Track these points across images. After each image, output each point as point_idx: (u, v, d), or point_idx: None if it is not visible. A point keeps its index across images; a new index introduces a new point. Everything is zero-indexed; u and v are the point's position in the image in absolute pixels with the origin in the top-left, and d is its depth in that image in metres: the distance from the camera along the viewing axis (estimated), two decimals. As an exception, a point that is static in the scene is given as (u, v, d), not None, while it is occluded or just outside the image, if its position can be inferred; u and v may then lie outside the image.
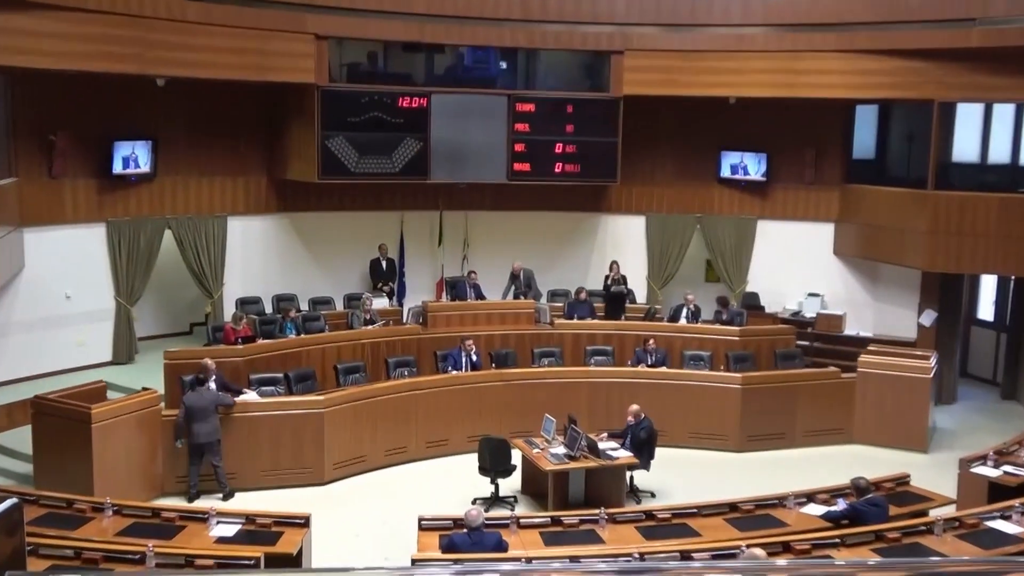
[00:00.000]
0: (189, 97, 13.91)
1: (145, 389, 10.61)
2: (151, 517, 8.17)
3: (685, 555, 7.39)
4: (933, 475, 10.10)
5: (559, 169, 15.09)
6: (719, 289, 15.83)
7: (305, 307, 14.36)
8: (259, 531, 7.96)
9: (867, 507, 8.23)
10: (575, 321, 14.01)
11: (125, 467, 9.91)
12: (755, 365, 13.19)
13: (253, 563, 7.24)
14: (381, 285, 15.20)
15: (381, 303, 14.41)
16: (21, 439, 10.73)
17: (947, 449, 12.08)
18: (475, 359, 12.35)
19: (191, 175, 14.37)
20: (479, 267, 15.11)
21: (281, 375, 11.71)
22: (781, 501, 8.73)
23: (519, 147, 14.88)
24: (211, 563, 7.13)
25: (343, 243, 15.46)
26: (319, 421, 10.76)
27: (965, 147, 14.47)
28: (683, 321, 14.11)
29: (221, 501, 10.02)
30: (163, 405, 10.70)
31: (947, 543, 7.75)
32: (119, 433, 9.87)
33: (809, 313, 15.38)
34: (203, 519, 8.06)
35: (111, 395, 10.92)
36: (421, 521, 8.18)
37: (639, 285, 15.97)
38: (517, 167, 14.93)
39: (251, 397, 10.95)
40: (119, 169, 13.40)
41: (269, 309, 14.35)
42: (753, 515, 8.53)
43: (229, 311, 13.95)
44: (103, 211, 13.52)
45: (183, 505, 9.31)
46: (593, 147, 15.10)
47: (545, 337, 13.66)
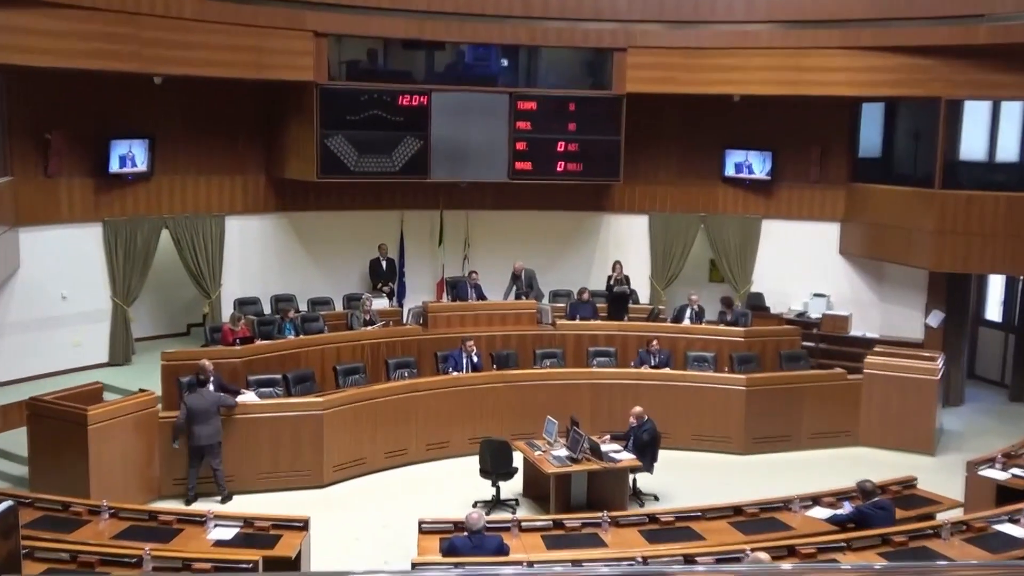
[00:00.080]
0: (186, 95, 13.91)
1: (142, 391, 10.64)
2: (148, 520, 8.19)
3: (689, 559, 7.41)
4: (940, 478, 10.11)
5: (561, 168, 15.09)
6: (723, 289, 15.82)
7: (304, 308, 14.38)
8: (257, 534, 7.98)
9: (873, 510, 8.24)
10: (577, 322, 14.02)
11: (122, 469, 9.93)
12: (760, 366, 13.19)
13: (251, 567, 7.27)
14: (381, 285, 15.20)
15: (381, 303, 14.41)
16: (17, 441, 10.74)
17: (954, 452, 12.09)
18: (476, 360, 12.36)
19: (188, 174, 14.37)
20: (480, 267, 15.12)
21: (280, 376, 11.72)
22: (786, 504, 8.74)
23: (520, 145, 14.88)
24: (208, 567, 7.15)
25: (342, 243, 15.46)
26: (318, 423, 10.78)
27: (972, 145, 14.45)
28: (687, 322, 14.11)
29: (219, 504, 10.04)
30: (160, 407, 10.71)
31: (954, 547, 7.76)
32: (116, 435, 9.89)
33: (814, 314, 15.37)
34: (201, 522, 8.08)
35: (107, 396, 10.93)
36: (421, 524, 8.20)
37: (642, 285, 15.97)
38: (518, 166, 14.94)
39: (250, 398, 10.97)
40: (115, 168, 13.41)
41: (268, 310, 14.36)
42: (758, 518, 8.55)
43: (227, 312, 13.96)
44: (99, 210, 13.52)
45: (180, 508, 9.32)
46: (595, 145, 15.10)
47: (547, 338, 13.67)
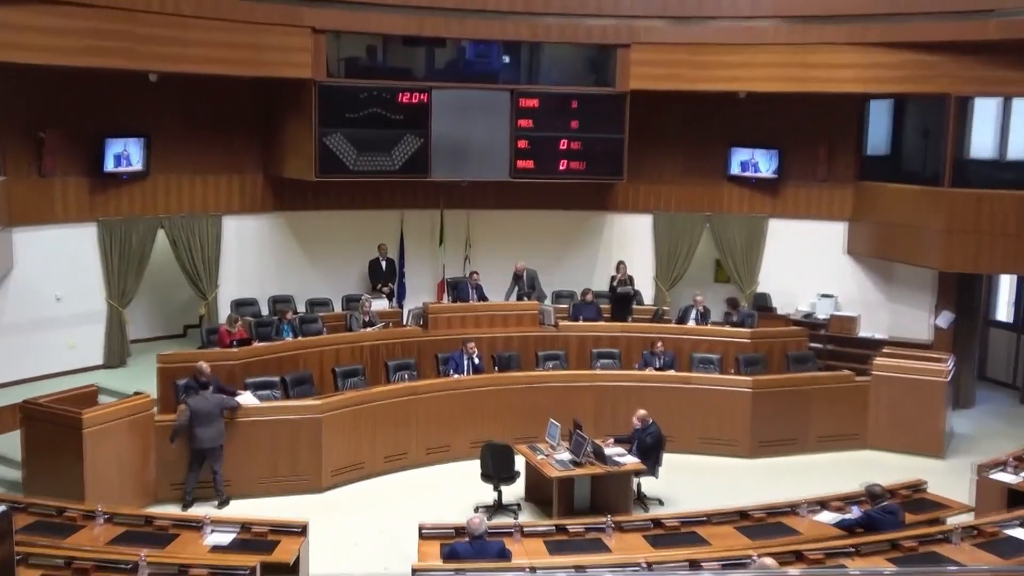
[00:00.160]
0: (182, 93, 13.91)
1: (138, 393, 10.63)
2: (144, 525, 8.18)
3: (694, 564, 7.39)
4: (950, 482, 10.08)
5: (563, 166, 15.08)
6: (729, 290, 15.82)
7: (302, 309, 14.40)
8: (255, 540, 7.97)
9: (882, 515, 8.22)
10: (580, 323, 14.01)
11: (117, 473, 9.92)
12: (766, 368, 13.19)
13: (248, 572, 7.27)
14: (380, 286, 15.20)
15: (380, 304, 14.41)
16: (10, 445, 10.73)
17: (964, 455, 12.07)
18: (477, 362, 12.36)
19: (185, 173, 14.37)
20: (481, 267, 15.12)
21: (277, 379, 11.72)
22: (793, 509, 8.73)
23: (522, 144, 14.88)
24: (205, 572, 7.17)
25: (341, 243, 15.46)
26: (316, 426, 10.77)
27: (982, 143, 14.43)
28: (692, 323, 14.10)
29: (216, 509, 10.04)
30: (156, 410, 10.71)
31: (964, 552, 7.74)
32: (111, 439, 9.88)
33: (822, 315, 15.36)
34: (197, 527, 8.07)
35: (102, 399, 10.93)
36: (422, 529, 8.19)
37: (646, 286, 15.96)
38: (520, 164, 14.93)
39: (247, 399, 10.96)
40: (111, 167, 13.40)
41: (265, 311, 14.37)
42: (764, 523, 8.53)
43: (224, 313, 13.96)
44: (94, 210, 13.52)
45: (177, 513, 9.33)
46: (599, 144, 15.09)
47: (549, 339, 13.66)
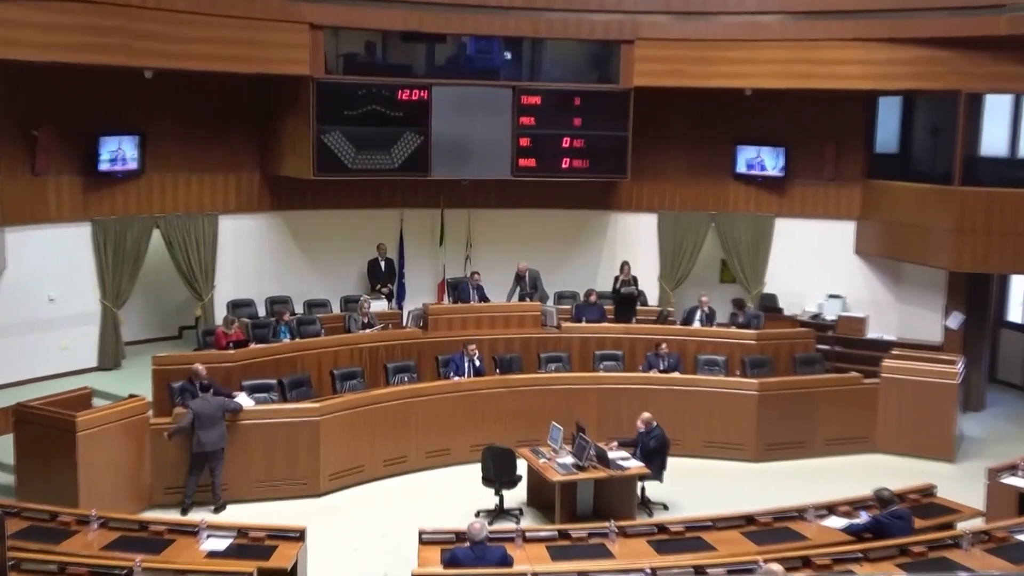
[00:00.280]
0: (178, 90, 13.94)
1: (132, 396, 10.62)
2: (139, 530, 8.18)
3: (699, 570, 7.40)
4: (960, 486, 10.09)
5: (566, 165, 15.09)
6: (735, 290, 15.83)
7: (300, 310, 14.41)
8: (252, 545, 7.97)
9: (891, 520, 8.22)
10: (583, 324, 14.01)
11: (111, 478, 9.92)
12: (773, 370, 13.19)
13: (245, 579, 7.26)
14: (380, 287, 15.21)
15: (380, 305, 14.41)
16: (2, 448, 10.73)
17: (975, 458, 12.07)
18: (478, 364, 12.36)
19: (180, 172, 14.39)
20: (482, 268, 15.12)
21: (275, 381, 11.72)
22: (800, 513, 8.72)
23: (524, 142, 14.89)
24: (201, 579, 7.17)
25: (340, 243, 15.48)
26: (315, 429, 10.77)
27: (993, 140, 14.44)
28: (697, 324, 14.10)
29: (212, 513, 10.04)
30: (151, 413, 10.72)
31: (975, 557, 7.74)
32: (105, 442, 9.88)
33: (830, 315, 15.36)
34: (193, 532, 8.07)
35: (96, 402, 10.93)
36: (422, 534, 8.19)
37: (651, 286, 15.96)
38: (522, 163, 14.94)
39: (243, 401, 10.95)
40: (105, 166, 13.42)
41: (262, 312, 14.38)
42: (771, 528, 8.53)
43: (220, 314, 13.97)
44: (88, 209, 13.53)
45: (172, 518, 9.31)
46: (602, 141, 15.10)
47: (552, 341, 13.67)
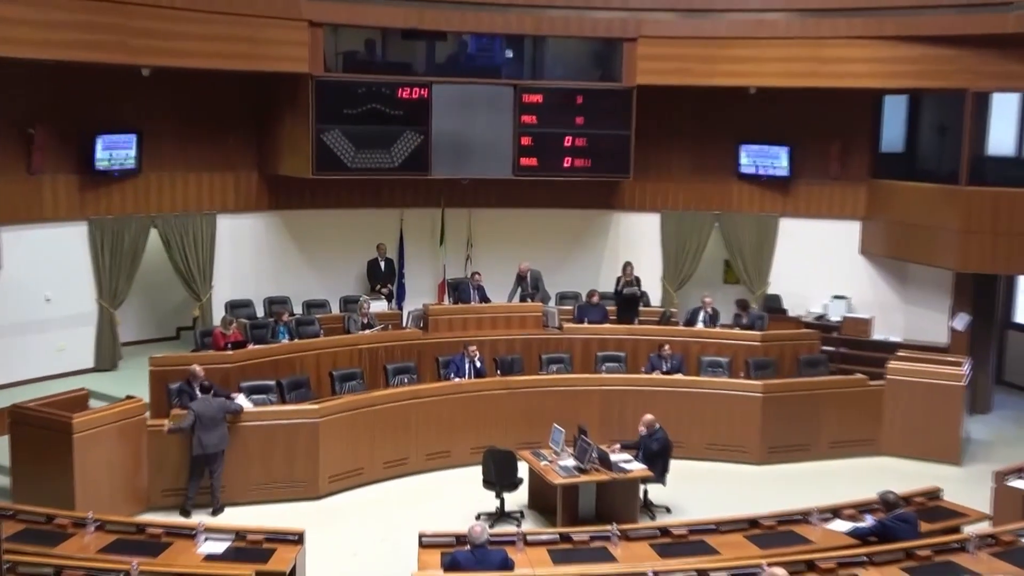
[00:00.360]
0: (176, 88, 13.95)
1: (129, 397, 10.64)
2: (136, 533, 8.18)
3: (703, 574, 7.41)
4: (966, 489, 10.08)
5: (568, 164, 15.09)
6: (738, 291, 15.82)
7: (299, 310, 14.40)
8: (250, 548, 7.97)
9: (896, 523, 8.21)
10: (585, 325, 14.01)
11: (108, 480, 9.93)
12: (777, 372, 13.19)
13: (244, 582, 7.27)
14: (379, 287, 15.22)
15: (379, 306, 14.42)
16: (-2, 450, 10.77)
17: (981, 461, 12.06)
18: (479, 366, 12.36)
19: (178, 170, 14.40)
20: (483, 268, 15.12)
21: (273, 382, 11.73)
22: (805, 517, 8.72)
23: (526, 141, 14.89)
24: (199, 582, 7.18)
25: (339, 242, 15.48)
26: (314, 431, 10.77)
27: (1000, 140, 14.40)
28: (700, 325, 14.10)
29: (210, 516, 10.05)
30: (148, 414, 10.72)
31: (982, 561, 7.73)
32: (102, 444, 9.89)
33: (834, 317, 15.36)
34: (191, 535, 8.07)
35: (93, 403, 10.93)
36: (422, 538, 8.19)
37: (653, 287, 15.96)
38: (524, 162, 14.94)
39: (242, 401, 10.95)
40: (101, 164, 13.43)
41: (261, 313, 14.38)
42: (775, 532, 8.53)
43: (218, 315, 13.98)
44: (85, 209, 13.55)
45: (169, 520, 9.31)
46: (605, 140, 15.10)
47: (553, 342, 13.67)
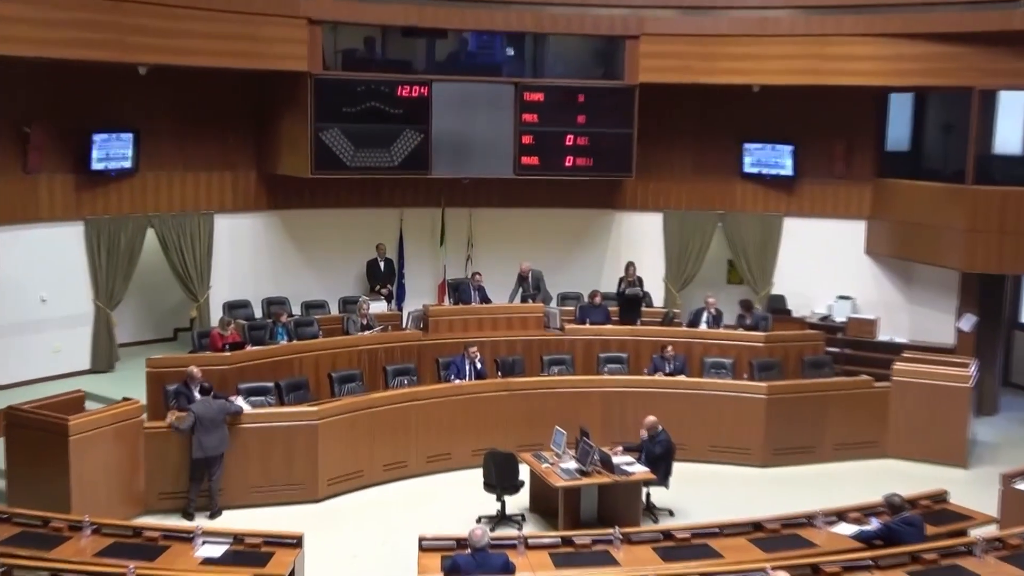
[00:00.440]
0: (173, 86, 13.95)
1: (126, 399, 10.63)
2: (132, 536, 8.18)
3: (706, 578, 7.41)
4: (973, 492, 10.07)
5: (570, 163, 15.09)
6: (742, 292, 15.82)
7: (297, 311, 14.39)
8: (248, 551, 7.97)
9: (902, 526, 8.22)
10: (587, 326, 14.00)
11: (104, 483, 9.93)
12: (781, 373, 13.18)
13: (242, 586, 7.27)
14: (379, 287, 15.22)
15: (379, 307, 14.42)
16: (-7, 453, 10.76)
17: (988, 464, 12.06)
18: (480, 367, 12.36)
19: (175, 170, 14.40)
20: (484, 268, 15.12)
21: (272, 384, 11.71)
22: (809, 520, 8.72)
23: (527, 139, 14.89)
24: (197, 586, 7.18)
25: (338, 242, 15.48)
26: (312, 433, 10.77)
27: (1007, 138, 14.41)
28: (703, 326, 14.09)
29: (208, 519, 10.06)
30: (145, 416, 10.72)
31: (988, 565, 7.73)
32: (98, 446, 9.88)
33: (839, 317, 15.35)
34: (188, 539, 8.07)
35: (89, 405, 10.93)
36: (422, 541, 8.19)
37: (656, 287, 15.96)
38: (525, 161, 14.94)
39: (240, 403, 10.94)
40: (98, 164, 13.43)
41: (259, 313, 14.38)
42: (779, 535, 8.53)
43: (216, 316, 13.98)
44: (81, 209, 13.55)
45: (166, 524, 9.30)
46: (606, 139, 15.10)
47: (555, 343, 13.67)
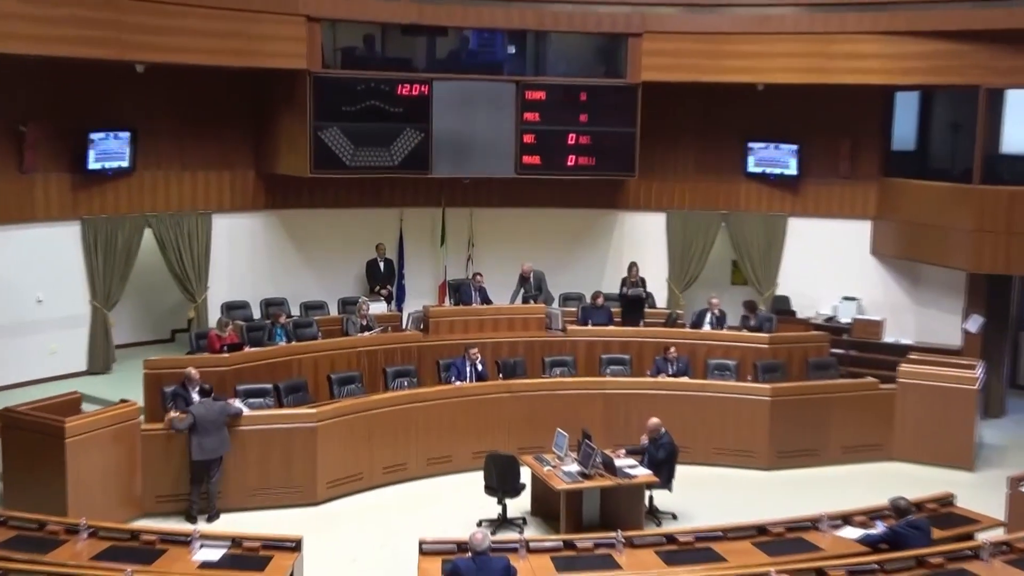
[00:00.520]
0: (170, 85, 13.96)
1: (123, 401, 10.63)
2: (129, 540, 8.18)
3: (709, 582, 7.40)
4: (980, 495, 10.07)
5: (572, 162, 15.09)
6: (746, 292, 15.81)
7: (296, 312, 14.40)
8: (246, 555, 7.97)
9: (908, 530, 8.21)
10: (589, 327, 14.00)
11: (101, 485, 9.93)
12: (785, 375, 13.17)
13: (240, 590, 7.27)
14: (379, 288, 15.22)
15: (379, 308, 14.42)
16: (-11, 455, 10.76)
17: (995, 467, 12.07)
18: (480, 369, 12.35)
19: (173, 169, 14.41)
20: (485, 269, 15.11)
21: (270, 386, 11.71)
22: (814, 523, 8.71)
23: (528, 138, 14.89)
24: (194, 590, 7.17)
25: (337, 243, 15.49)
26: (311, 436, 10.77)
27: (1014, 137, 14.40)
28: (707, 327, 14.08)
29: (206, 522, 10.05)
30: (142, 418, 10.73)
31: (995, 569, 7.73)
32: (95, 448, 9.89)
33: (844, 318, 15.35)
34: (186, 542, 8.07)
35: (86, 407, 10.94)
36: (422, 545, 8.19)
37: (659, 288, 15.95)
38: (526, 160, 14.95)
39: (238, 405, 10.94)
40: (95, 163, 13.44)
41: (257, 314, 14.38)
42: (784, 539, 8.52)
43: (214, 316, 13.98)
44: (78, 208, 13.56)
45: (164, 527, 9.30)
46: (609, 138, 15.11)
47: (557, 345, 13.66)
